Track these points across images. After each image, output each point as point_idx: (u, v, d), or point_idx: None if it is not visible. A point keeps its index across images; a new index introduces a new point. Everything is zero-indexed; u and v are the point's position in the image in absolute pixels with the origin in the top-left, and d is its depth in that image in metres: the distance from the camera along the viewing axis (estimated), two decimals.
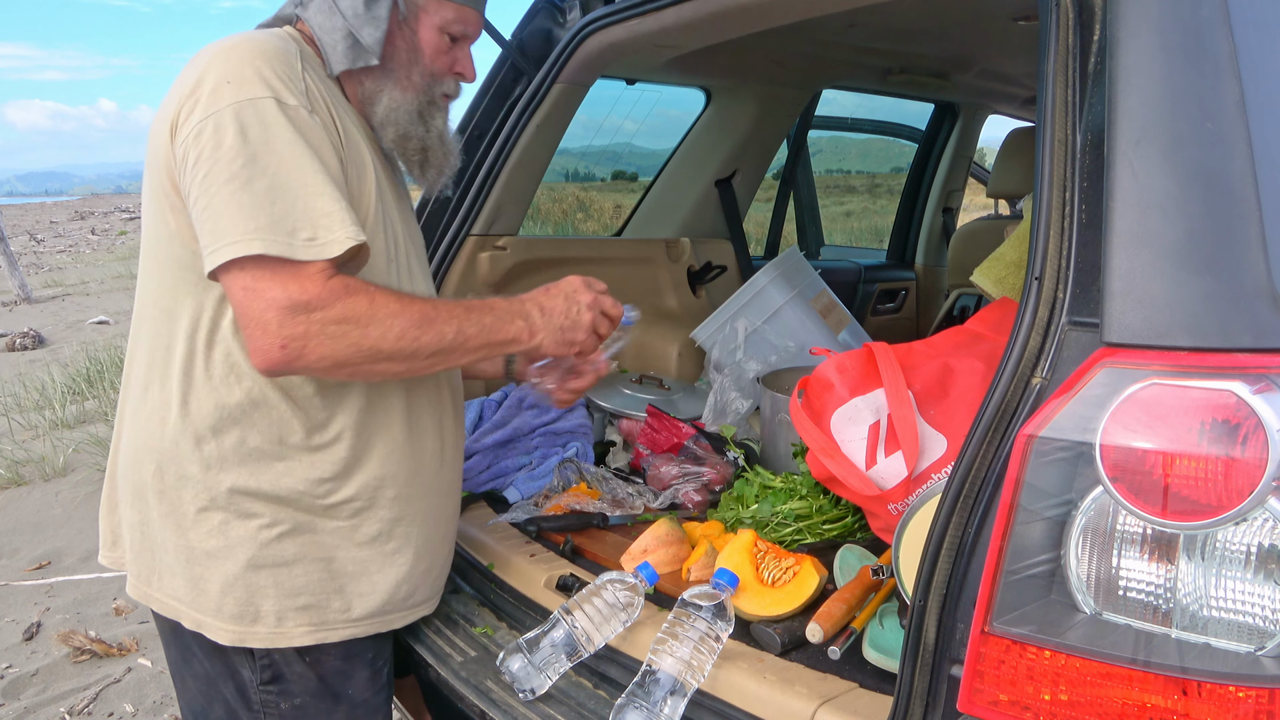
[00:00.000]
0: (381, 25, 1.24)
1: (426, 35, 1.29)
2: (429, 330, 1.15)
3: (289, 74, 1.14)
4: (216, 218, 1.07)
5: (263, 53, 1.13)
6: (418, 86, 1.31)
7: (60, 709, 2.67)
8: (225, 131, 1.07)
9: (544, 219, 4.12)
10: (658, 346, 2.69)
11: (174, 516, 1.22)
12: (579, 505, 1.81)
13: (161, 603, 1.27)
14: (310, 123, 1.12)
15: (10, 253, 11.66)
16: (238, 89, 1.09)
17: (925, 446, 1.44)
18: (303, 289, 1.06)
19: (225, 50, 1.13)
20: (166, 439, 1.21)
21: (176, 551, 1.23)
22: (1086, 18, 1.00)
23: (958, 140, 3.95)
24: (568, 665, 1.29)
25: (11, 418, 5.75)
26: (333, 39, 1.24)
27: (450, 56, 1.33)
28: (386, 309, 1.11)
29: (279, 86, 1.11)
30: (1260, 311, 0.82)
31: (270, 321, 1.05)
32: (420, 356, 1.16)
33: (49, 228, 27.68)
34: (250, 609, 1.23)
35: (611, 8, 1.88)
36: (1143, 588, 0.87)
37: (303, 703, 1.30)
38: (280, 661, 1.27)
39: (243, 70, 1.10)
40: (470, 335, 1.19)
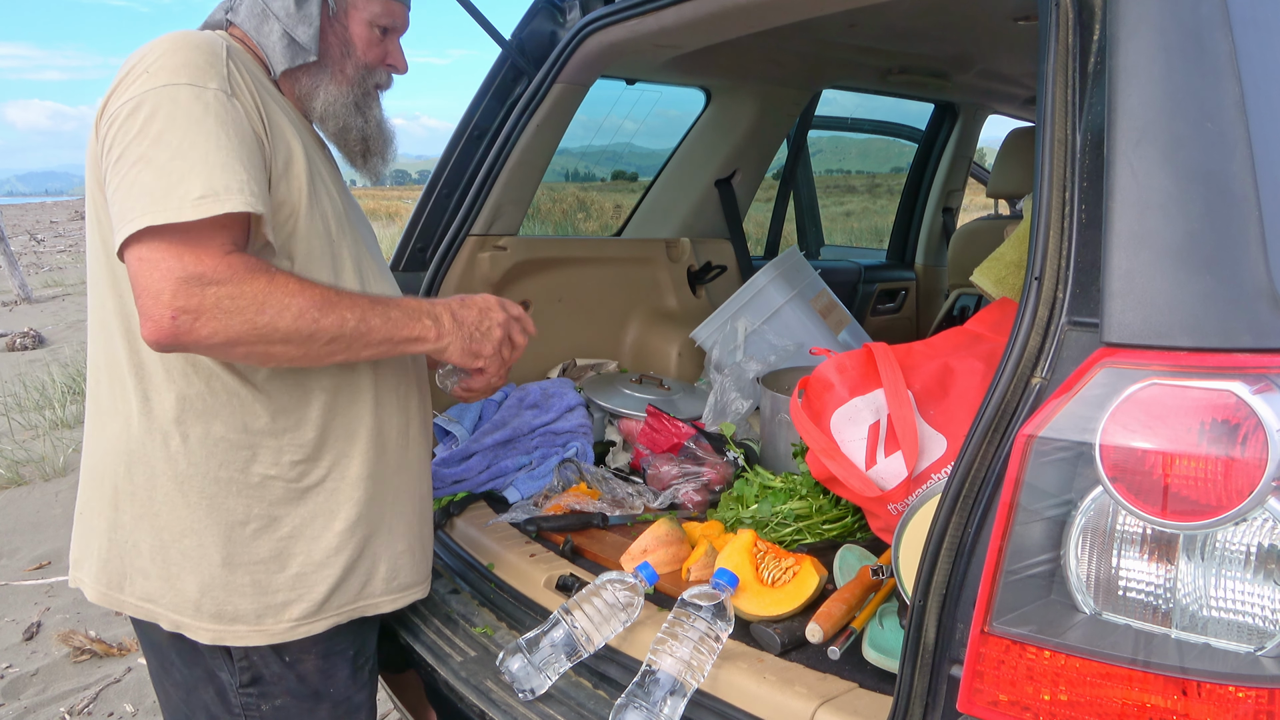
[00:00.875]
0: (314, 23, 1.28)
1: (357, 29, 1.33)
2: (329, 314, 1.13)
3: (209, 61, 1.15)
4: (120, 200, 1.07)
5: (186, 44, 1.15)
6: (351, 79, 1.35)
7: (60, 709, 2.67)
8: (136, 116, 1.09)
9: (544, 219, 4.12)
10: (658, 346, 2.69)
11: (147, 517, 1.22)
12: (579, 505, 1.81)
13: (136, 606, 1.25)
14: (227, 105, 1.13)
15: (10, 252, 11.66)
16: (154, 77, 1.11)
17: (925, 446, 1.44)
18: (199, 260, 1.05)
19: (151, 45, 1.15)
20: (133, 439, 1.21)
21: (151, 553, 1.22)
22: (1086, 18, 1.00)
23: (958, 140, 3.95)
24: (567, 665, 1.29)
25: (11, 417, 5.75)
26: (270, 41, 1.28)
27: (381, 49, 1.38)
28: (286, 288, 1.10)
29: (196, 74, 1.12)
30: (1260, 311, 0.82)
31: (164, 291, 1.03)
32: (318, 341, 1.13)
33: (49, 227, 27.69)
34: (229, 607, 1.22)
35: (611, 8, 1.88)
36: (1142, 588, 0.87)
37: (284, 703, 1.30)
38: (259, 662, 1.27)
39: (162, 61, 1.12)
40: (374, 326, 1.18)
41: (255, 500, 1.23)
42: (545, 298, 2.47)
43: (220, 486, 1.21)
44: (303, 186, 1.22)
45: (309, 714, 1.32)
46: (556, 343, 2.54)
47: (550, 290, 2.48)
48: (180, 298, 1.03)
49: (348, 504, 1.29)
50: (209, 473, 1.20)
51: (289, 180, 1.21)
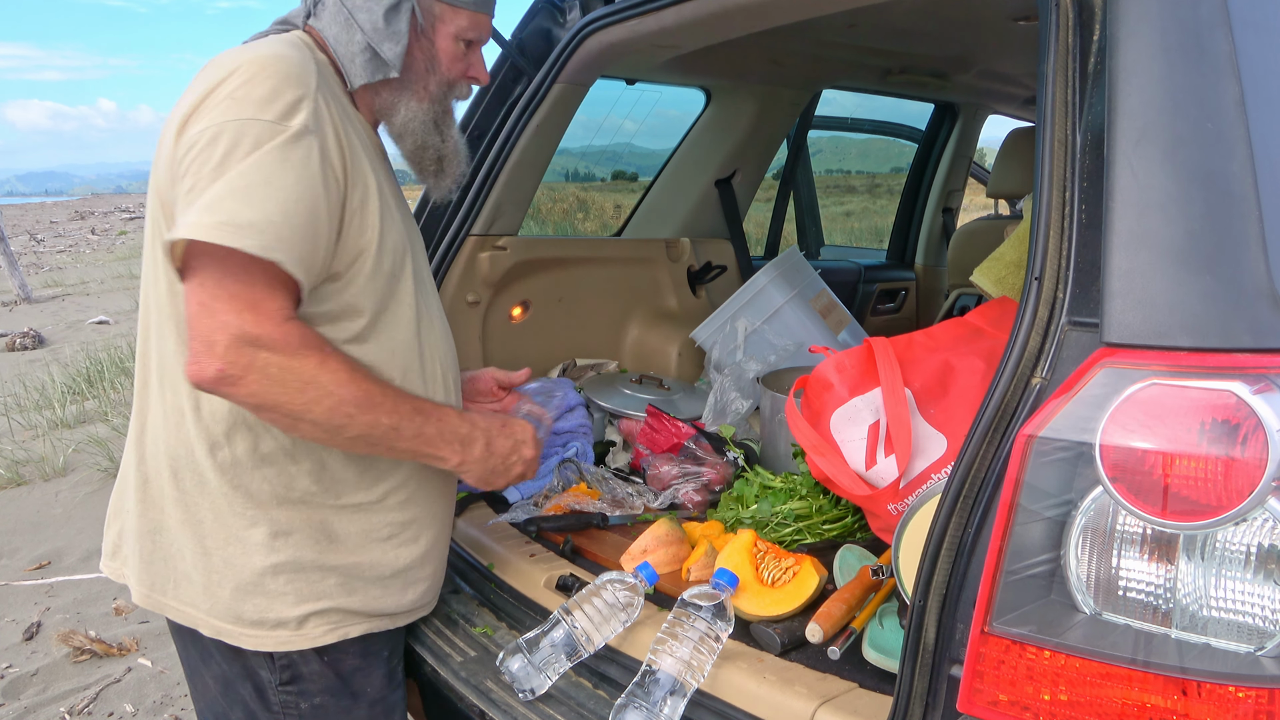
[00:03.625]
0: (402, 40, 1.24)
1: (443, 44, 1.31)
2: (365, 414, 1.13)
3: (297, 93, 1.12)
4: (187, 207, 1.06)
5: (275, 70, 1.11)
6: (434, 95, 1.32)
7: (60, 709, 2.67)
8: (214, 149, 1.06)
9: (544, 219, 4.12)
10: (658, 346, 2.69)
11: (190, 523, 1.21)
12: (579, 505, 1.81)
13: (178, 610, 1.25)
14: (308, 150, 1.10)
15: (10, 253, 11.66)
16: (239, 106, 1.08)
17: (925, 446, 1.44)
18: (258, 322, 1.04)
19: (245, 63, 1.11)
20: (182, 445, 1.21)
21: (194, 558, 1.22)
22: (1086, 18, 1.00)
23: (958, 140, 3.95)
24: (567, 665, 1.29)
25: (11, 418, 5.75)
26: (350, 52, 1.24)
27: (465, 62, 1.35)
28: (334, 376, 1.09)
29: (281, 109, 1.09)
30: (1260, 311, 0.82)
31: (218, 342, 1.03)
32: (344, 435, 1.14)
33: (49, 228, 27.69)
34: (271, 614, 1.22)
35: (611, 8, 1.88)
36: (1142, 588, 0.87)
37: (322, 702, 1.29)
38: (299, 661, 1.26)
39: (248, 89, 1.09)
40: (403, 436, 1.18)
41: (300, 512, 1.23)
42: (545, 298, 2.47)
43: (266, 497, 1.21)
44: (375, 224, 1.21)
45: (347, 712, 1.32)
46: (556, 343, 2.54)
47: (550, 290, 2.48)
48: (232, 353, 1.04)
49: (389, 522, 1.30)
50: (256, 483, 1.20)
51: (364, 218, 1.20)
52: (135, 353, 1.31)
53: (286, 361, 1.06)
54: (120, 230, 25.47)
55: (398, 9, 1.24)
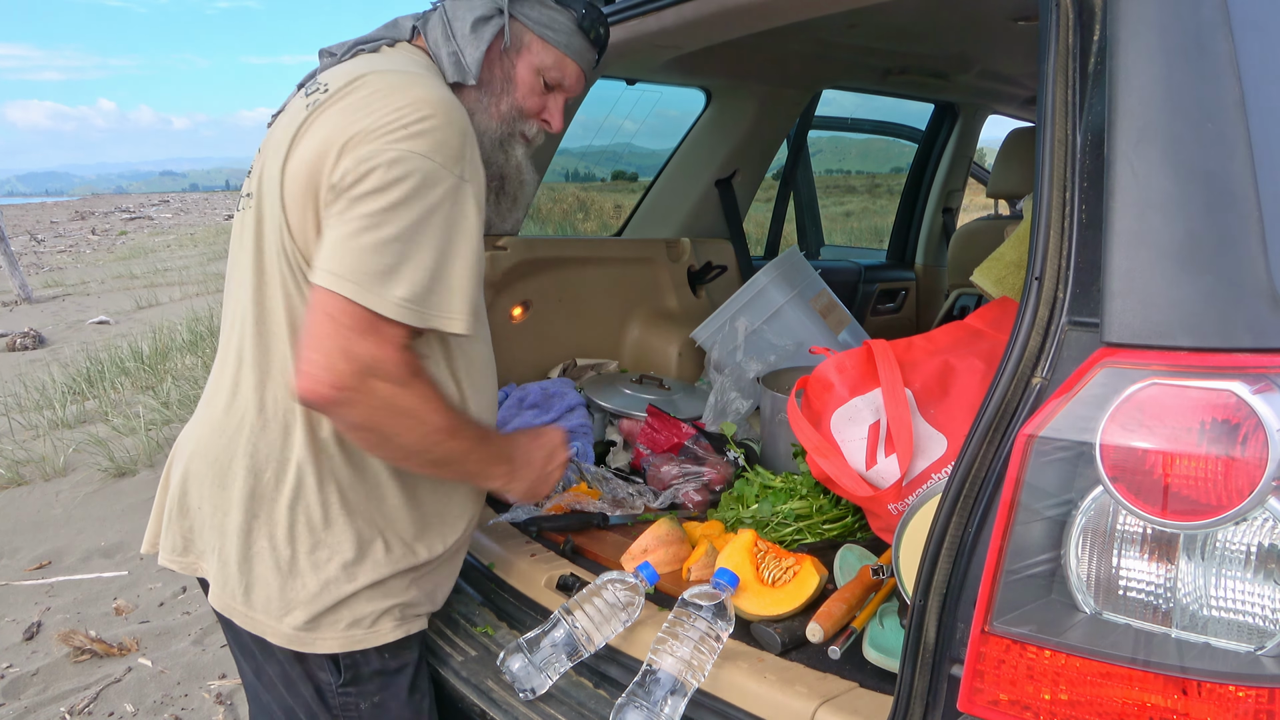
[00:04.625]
0: (482, 46, 1.29)
1: (523, 72, 1.34)
2: (449, 442, 1.18)
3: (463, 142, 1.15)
4: (335, 244, 1.09)
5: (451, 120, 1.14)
6: (504, 116, 1.34)
7: (60, 709, 2.67)
8: (391, 173, 1.08)
9: (544, 219, 4.12)
10: (658, 346, 2.69)
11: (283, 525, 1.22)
12: (579, 505, 1.81)
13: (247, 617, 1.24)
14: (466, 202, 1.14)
15: (10, 253, 11.66)
16: (417, 141, 1.10)
17: (925, 446, 1.44)
18: (379, 348, 1.08)
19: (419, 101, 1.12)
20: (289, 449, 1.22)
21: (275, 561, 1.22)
22: (1086, 18, 1.00)
23: (958, 140, 3.96)
24: (568, 665, 1.29)
25: (12, 418, 5.75)
26: (443, 55, 1.30)
27: (541, 100, 1.37)
28: (431, 406, 1.14)
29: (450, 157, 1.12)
30: (1260, 311, 0.82)
31: (338, 363, 1.06)
32: (421, 460, 1.19)
33: (49, 228, 27.70)
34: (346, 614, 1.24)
35: (611, 8, 1.88)
36: (1143, 587, 0.87)
37: (381, 700, 1.31)
38: (361, 661, 1.27)
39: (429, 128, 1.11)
40: (470, 460, 1.24)
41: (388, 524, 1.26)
42: (545, 298, 2.47)
43: (360, 506, 1.24)
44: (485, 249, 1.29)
45: (401, 708, 1.33)
46: (556, 343, 2.54)
47: (550, 290, 2.48)
48: (348, 377, 1.07)
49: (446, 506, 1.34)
50: (351, 497, 1.23)
51: None
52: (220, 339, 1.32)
53: (396, 391, 1.09)
54: (120, 230, 25.48)
55: (487, 21, 1.30)
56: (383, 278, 1.07)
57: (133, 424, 5.42)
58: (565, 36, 1.35)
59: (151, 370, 6.87)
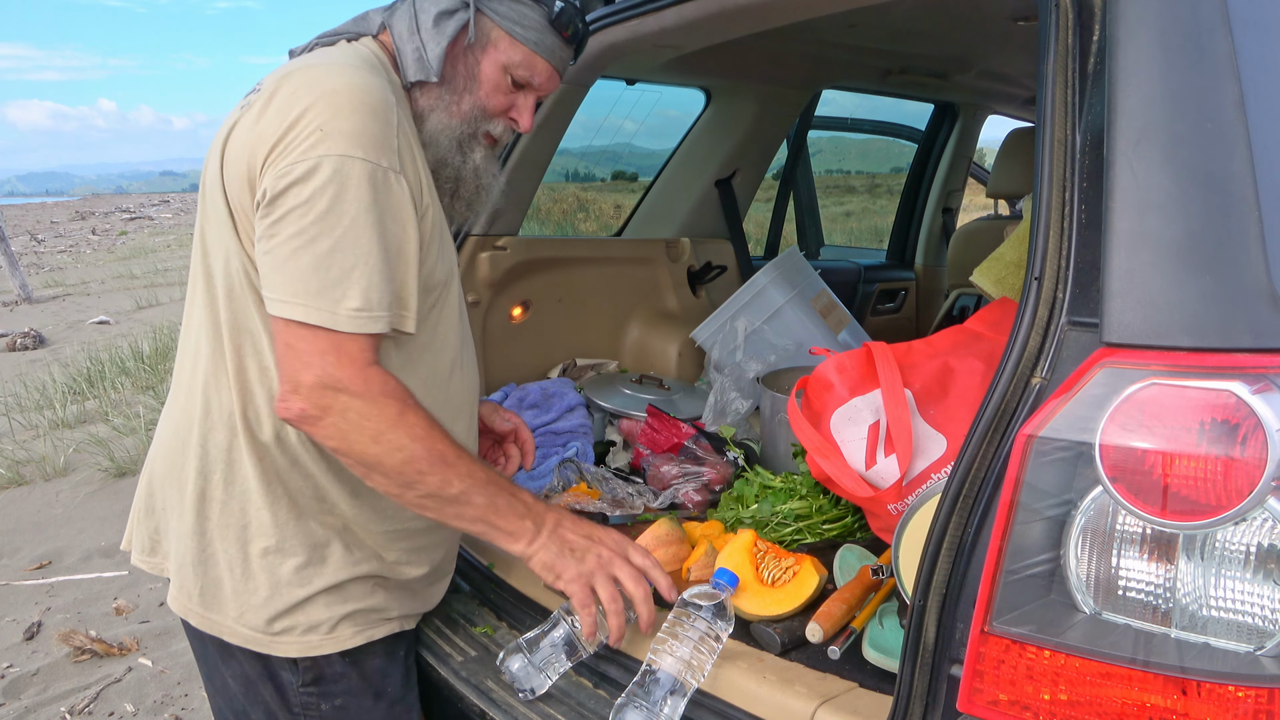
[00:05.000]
0: (443, 42, 1.24)
1: (488, 69, 1.28)
2: (437, 473, 1.12)
3: (384, 131, 1.11)
4: (274, 269, 1.08)
5: (363, 104, 1.10)
6: (465, 115, 1.29)
7: (61, 708, 2.67)
8: (308, 183, 1.06)
9: (544, 219, 4.12)
10: (658, 346, 2.69)
11: (234, 528, 1.22)
12: (579, 505, 1.81)
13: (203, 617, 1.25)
14: (396, 190, 1.11)
15: (11, 253, 11.66)
16: (331, 142, 1.07)
17: (925, 446, 1.44)
18: (339, 366, 1.07)
19: (328, 93, 1.09)
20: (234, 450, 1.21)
21: (229, 563, 1.22)
22: (1086, 18, 1.00)
23: (957, 140, 3.96)
24: (568, 665, 1.29)
25: (12, 417, 5.75)
26: (408, 50, 1.25)
27: (509, 99, 1.32)
28: (410, 430, 1.10)
29: (372, 147, 1.09)
30: (1260, 311, 0.82)
31: (303, 384, 1.07)
32: (413, 491, 1.13)
33: (50, 228, 27.70)
34: (303, 620, 1.23)
35: (611, 8, 1.88)
36: (1142, 587, 0.87)
37: (344, 703, 1.30)
38: (323, 663, 1.27)
39: (338, 123, 1.08)
40: (475, 503, 1.16)
41: (338, 524, 1.24)
42: (545, 298, 2.47)
43: (307, 508, 1.22)
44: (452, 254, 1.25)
45: (368, 713, 1.32)
46: (556, 343, 2.54)
47: (550, 290, 2.48)
48: (315, 395, 1.07)
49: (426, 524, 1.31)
50: (299, 497, 1.22)
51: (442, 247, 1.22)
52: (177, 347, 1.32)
53: (365, 407, 1.08)
54: (121, 230, 25.48)
55: (450, 15, 1.25)
56: (329, 293, 1.06)
57: (133, 424, 5.42)
58: (536, 33, 1.28)
59: (152, 370, 6.88)
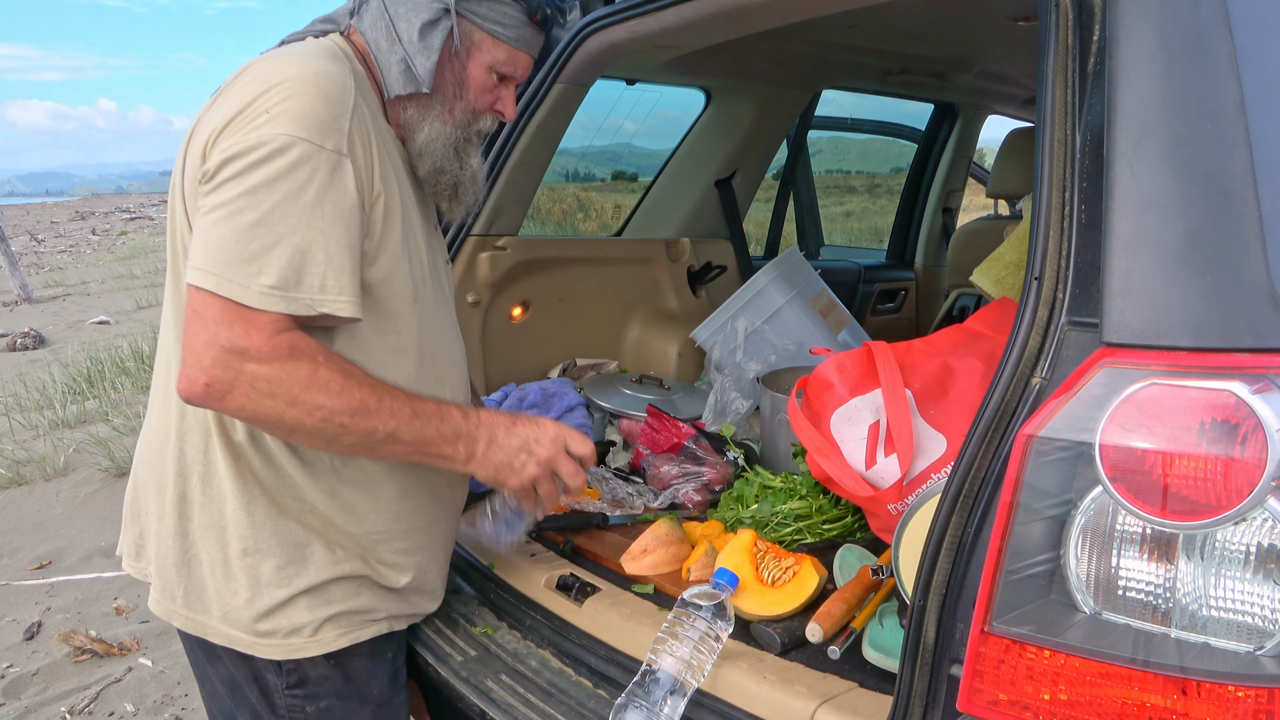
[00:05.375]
0: (433, 55, 1.23)
1: (475, 72, 1.29)
2: (360, 421, 1.10)
3: (335, 115, 1.11)
4: (198, 238, 1.07)
5: (316, 90, 1.10)
6: (458, 120, 1.30)
7: (61, 708, 2.67)
8: (246, 158, 1.06)
9: (544, 219, 4.12)
10: (658, 346, 2.69)
11: (214, 530, 1.22)
12: (579, 505, 1.81)
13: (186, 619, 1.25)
14: (339, 170, 1.10)
15: (11, 253, 11.66)
16: (275, 123, 1.07)
17: (925, 446, 1.44)
18: (246, 335, 1.04)
19: (282, 80, 1.10)
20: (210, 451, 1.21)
21: (211, 565, 1.22)
22: (1086, 18, 1.00)
23: (957, 140, 3.95)
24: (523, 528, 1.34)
25: (12, 418, 5.75)
26: (388, 62, 1.24)
27: (494, 94, 1.33)
28: (325, 387, 1.08)
29: (317, 130, 1.09)
30: (1260, 311, 0.82)
31: (204, 355, 1.03)
32: (340, 443, 1.13)
33: (50, 228, 27.70)
34: (285, 622, 1.23)
35: (611, 8, 1.88)
36: (1142, 587, 0.87)
37: (328, 705, 1.30)
38: (307, 665, 1.27)
39: (286, 105, 1.08)
40: (404, 440, 1.15)
41: (318, 523, 1.24)
42: (545, 298, 2.47)
43: (285, 509, 1.22)
44: (396, 242, 1.21)
45: (353, 715, 1.32)
46: (556, 343, 2.54)
47: (550, 290, 2.48)
48: (218, 367, 1.03)
49: (409, 521, 1.31)
50: (277, 496, 1.21)
51: (386, 235, 1.19)
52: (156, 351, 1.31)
53: (275, 373, 1.05)
54: (121, 230, 25.48)
55: (435, 25, 1.23)
56: (245, 266, 1.04)
57: (133, 424, 5.42)
58: (516, 30, 1.28)
59: (152, 370, 6.87)
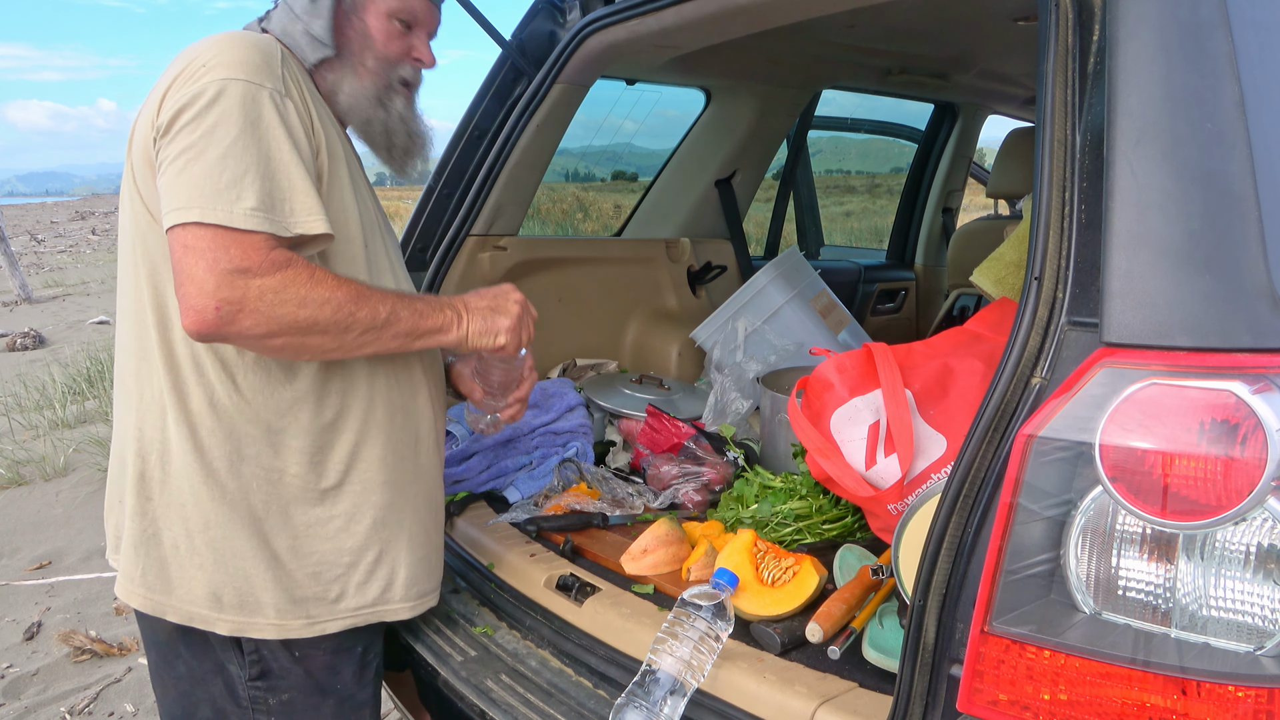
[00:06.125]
0: (324, 15, 1.29)
1: (375, 22, 1.33)
2: (363, 307, 1.16)
3: (265, 60, 1.17)
4: (169, 186, 1.10)
5: (241, 41, 1.18)
6: (374, 72, 1.35)
7: (61, 708, 2.67)
8: (193, 107, 1.10)
9: (544, 219, 4.12)
10: (658, 346, 2.69)
11: (174, 507, 1.23)
12: (579, 505, 1.81)
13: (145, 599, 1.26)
14: (282, 106, 1.16)
15: (11, 253, 11.66)
16: (211, 71, 1.13)
17: (925, 446, 1.44)
18: (245, 255, 1.07)
19: (205, 43, 1.18)
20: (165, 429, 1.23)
21: (173, 542, 1.24)
22: (1086, 18, 1.00)
23: (957, 140, 3.95)
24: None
25: (12, 418, 5.75)
26: (296, 38, 1.30)
27: (405, 43, 1.37)
28: (325, 284, 1.13)
29: (253, 71, 1.15)
30: (1259, 311, 0.82)
31: (208, 282, 1.06)
32: (353, 331, 1.16)
33: (50, 228, 27.71)
34: (250, 599, 1.23)
35: (611, 8, 1.88)
36: (1142, 587, 0.87)
37: (291, 698, 1.31)
38: (269, 656, 1.28)
39: (220, 56, 1.14)
40: (402, 317, 1.21)
41: (276, 498, 1.24)
42: (545, 298, 2.47)
43: (245, 482, 1.23)
44: (345, 189, 1.26)
45: (314, 710, 1.33)
46: (556, 343, 2.54)
47: (550, 290, 2.48)
48: (224, 289, 1.06)
49: (368, 508, 1.30)
50: (235, 468, 1.22)
51: (334, 180, 1.24)
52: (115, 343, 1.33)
53: (279, 282, 1.08)
54: None
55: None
56: (225, 194, 1.07)
57: None
58: None
59: None
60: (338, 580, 1.29)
